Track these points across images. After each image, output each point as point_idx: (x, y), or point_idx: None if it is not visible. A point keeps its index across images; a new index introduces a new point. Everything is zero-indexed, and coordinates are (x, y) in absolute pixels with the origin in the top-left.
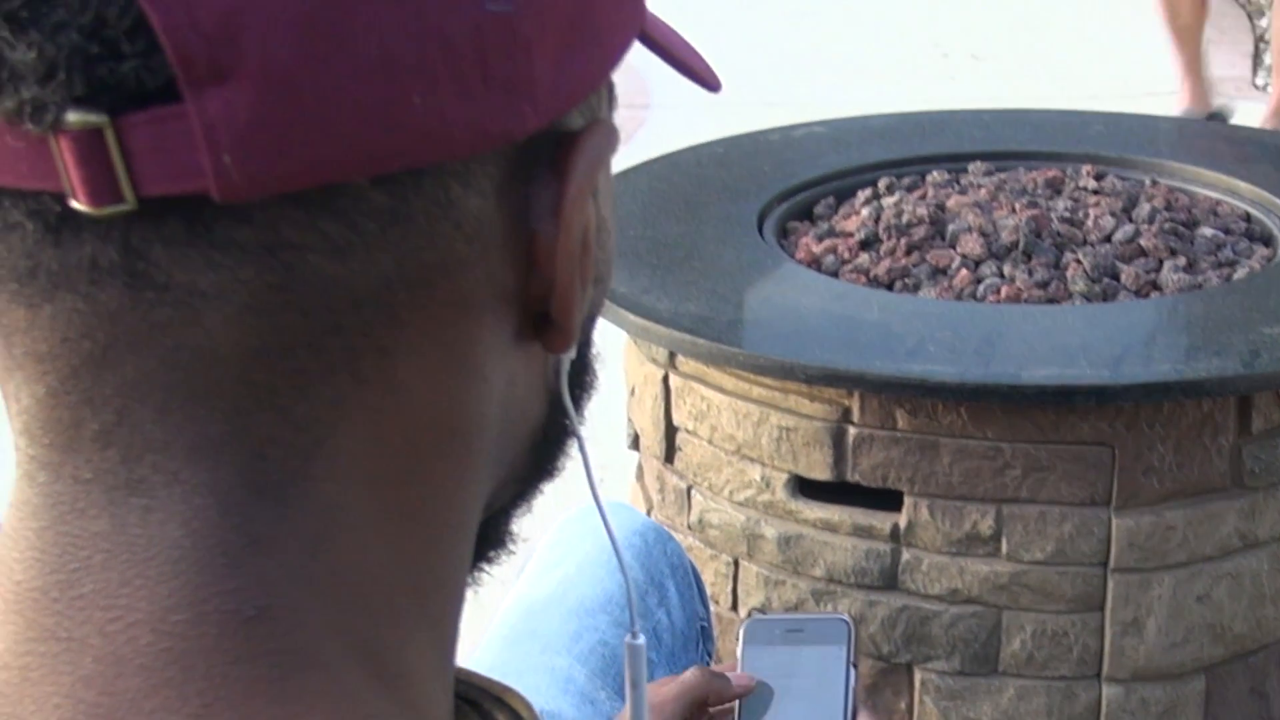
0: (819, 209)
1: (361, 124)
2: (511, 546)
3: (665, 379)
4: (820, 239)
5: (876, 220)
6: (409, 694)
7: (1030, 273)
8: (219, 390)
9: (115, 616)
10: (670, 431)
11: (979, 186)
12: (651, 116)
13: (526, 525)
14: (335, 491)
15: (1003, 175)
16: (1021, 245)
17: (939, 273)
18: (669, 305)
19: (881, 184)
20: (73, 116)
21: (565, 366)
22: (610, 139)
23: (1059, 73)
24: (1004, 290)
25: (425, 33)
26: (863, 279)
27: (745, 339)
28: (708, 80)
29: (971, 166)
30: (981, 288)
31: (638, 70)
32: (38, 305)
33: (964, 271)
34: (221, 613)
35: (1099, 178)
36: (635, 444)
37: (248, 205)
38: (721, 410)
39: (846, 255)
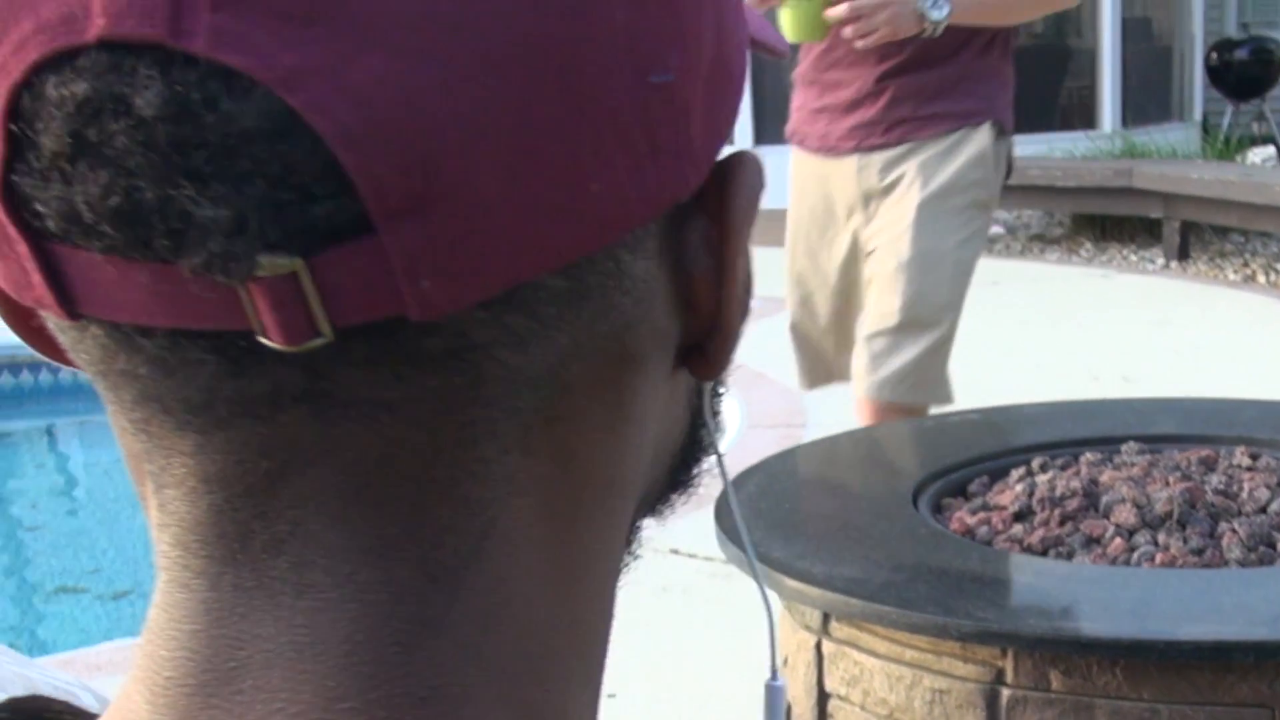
0: (973, 486)
1: (549, 225)
2: (637, 551)
3: (818, 645)
4: (974, 512)
5: (1030, 494)
6: None
7: (1185, 541)
8: (398, 491)
9: (277, 709)
10: (822, 699)
11: (1132, 465)
12: (809, 421)
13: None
14: (505, 565)
15: (1156, 455)
16: (1176, 515)
17: (1093, 542)
18: (823, 569)
19: (1035, 463)
20: (264, 263)
21: (709, 386)
22: (759, 173)
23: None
24: (1159, 558)
25: (599, 123)
26: (1016, 548)
27: (899, 599)
28: (779, 49)
29: (1125, 447)
30: (1136, 555)
31: (794, 393)
32: (210, 432)
33: (1118, 540)
34: (392, 697)
35: (1254, 457)
36: (788, 715)
37: (445, 320)
38: (874, 674)
39: (1000, 526)
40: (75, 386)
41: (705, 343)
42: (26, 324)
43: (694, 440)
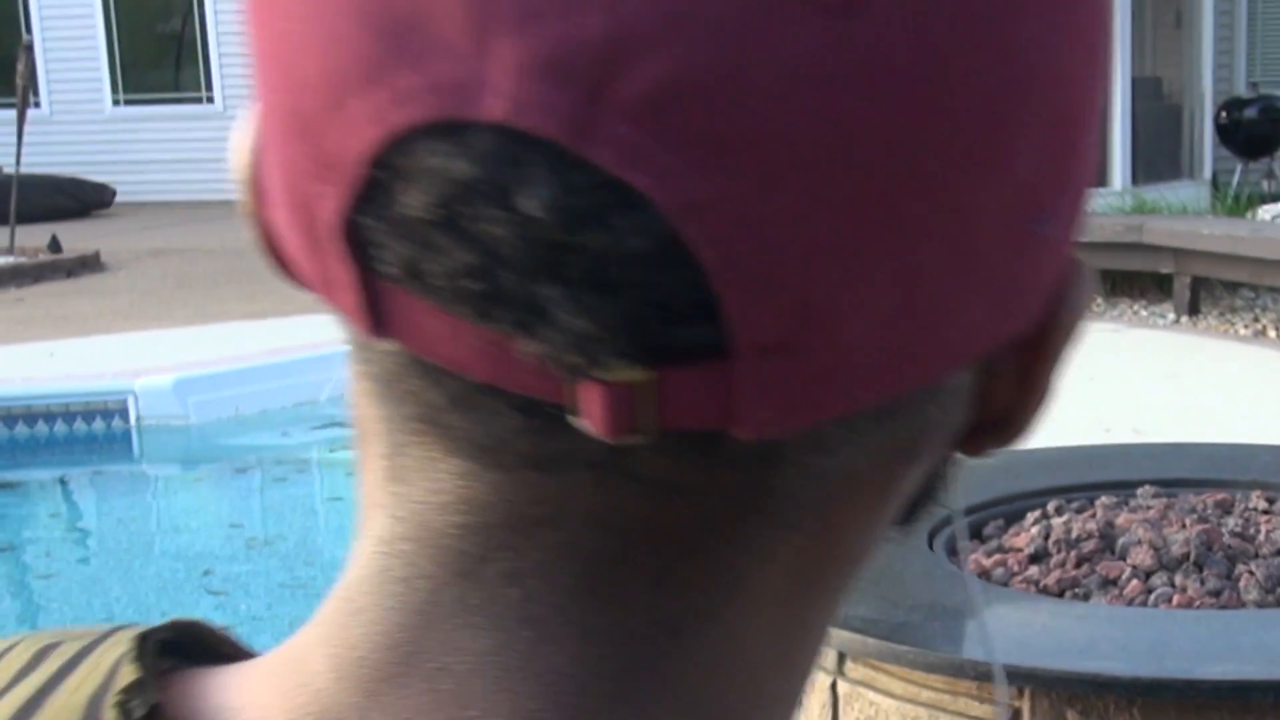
0: (988, 529)
1: (899, 366)
2: None
3: (833, 686)
4: (990, 554)
5: (1046, 537)
6: None
7: (1202, 582)
8: (654, 555)
9: (471, 715)
10: None
11: (1148, 508)
12: None
13: None
14: (742, 623)
15: (1172, 498)
16: (1193, 557)
17: (1109, 583)
18: None
19: (1050, 506)
20: (610, 367)
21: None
22: (1089, 292)
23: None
24: (1175, 599)
25: (975, 271)
26: (1032, 589)
27: (915, 638)
28: None
29: (1140, 491)
30: (1153, 597)
31: None
32: (489, 470)
33: (1135, 582)
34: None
35: (1269, 500)
36: None
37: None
38: (890, 715)
39: (1016, 568)
40: (89, 437)
41: (983, 435)
42: (282, 263)
43: (921, 498)
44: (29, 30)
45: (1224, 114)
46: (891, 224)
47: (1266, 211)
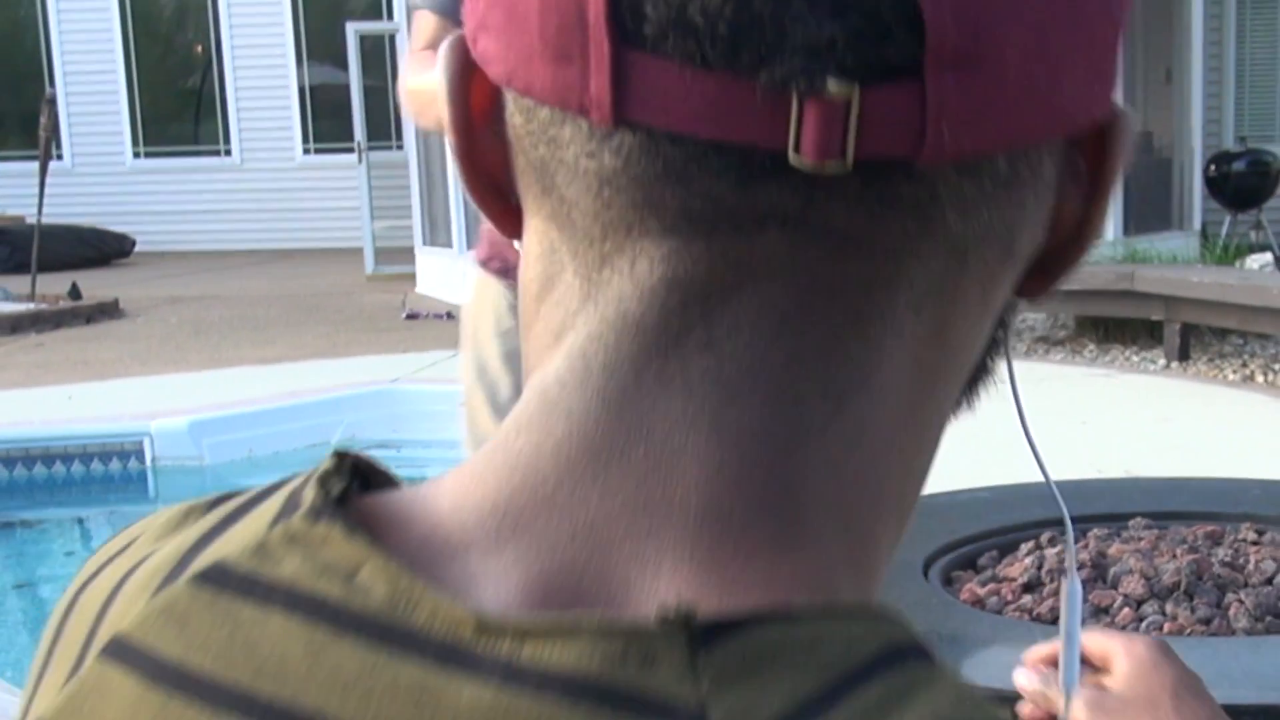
0: (983, 560)
1: (1039, 108)
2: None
3: None
4: (984, 584)
5: (1039, 566)
6: (865, 580)
7: (1193, 610)
8: (827, 317)
9: (663, 474)
10: None
11: (1140, 539)
12: None
13: None
14: (878, 401)
15: (1163, 530)
16: (1183, 586)
17: (1101, 611)
18: None
19: (1044, 537)
20: (832, 85)
21: (1017, 312)
22: (1133, 130)
23: None
24: (1166, 626)
25: (1097, 33)
26: (1026, 617)
27: None
28: None
29: (1132, 523)
30: (1144, 625)
31: None
32: (694, 240)
33: (1126, 610)
34: (756, 483)
35: (1259, 533)
36: None
37: (926, 168)
38: None
39: (1010, 597)
40: (106, 477)
41: (1050, 264)
42: (488, 180)
43: (984, 364)
44: (52, 84)
45: (1213, 167)
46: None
47: (1254, 261)
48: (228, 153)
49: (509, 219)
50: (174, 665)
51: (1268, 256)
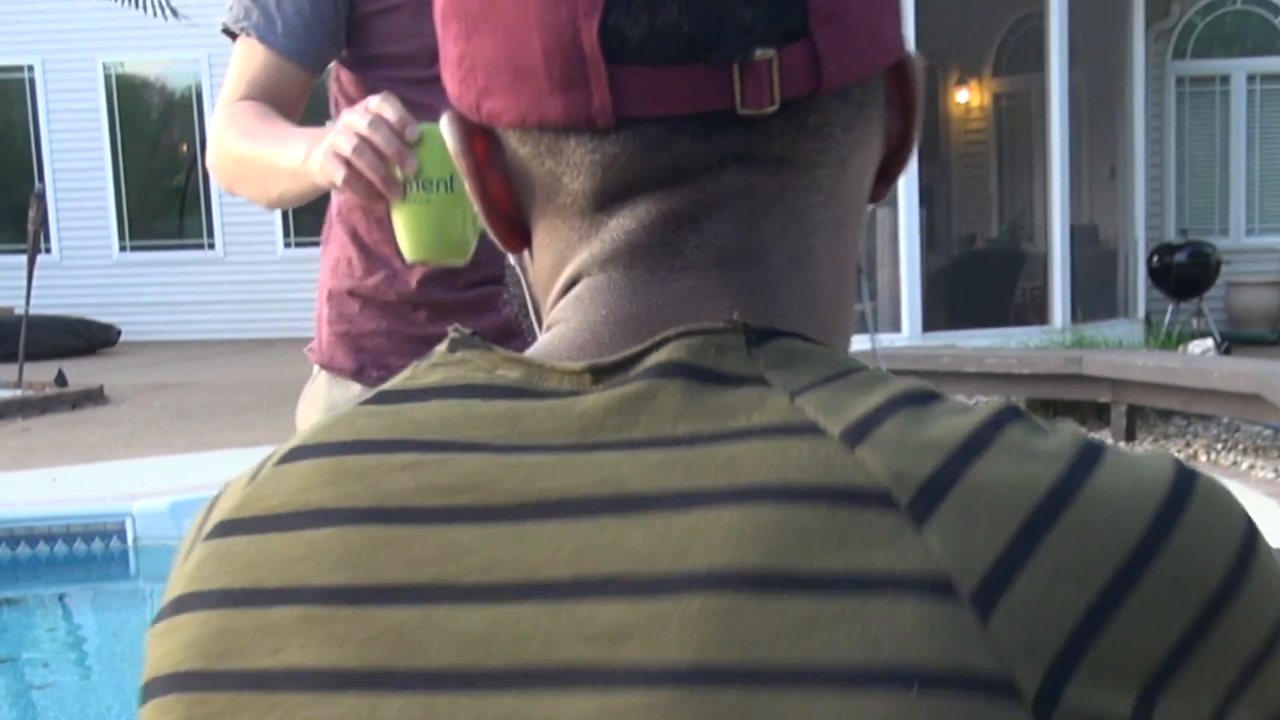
0: None
1: (875, 44)
2: None
3: None
4: None
5: None
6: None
7: None
8: (775, 214)
9: (686, 315)
10: None
11: None
12: None
13: None
14: (818, 260)
15: None
16: None
17: None
18: None
19: None
20: (758, 53)
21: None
22: (918, 63)
23: None
24: None
25: (891, 8)
26: None
27: None
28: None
29: None
30: None
31: None
32: (679, 186)
33: None
34: (740, 287)
35: None
36: None
37: (817, 100)
38: None
39: None
40: (88, 556)
41: (889, 169)
42: (499, 210)
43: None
44: (41, 179)
45: (1156, 258)
46: None
47: (1196, 346)
48: (211, 246)
49: (515, 238)
50: (349, 441)
51: (1208, 342)
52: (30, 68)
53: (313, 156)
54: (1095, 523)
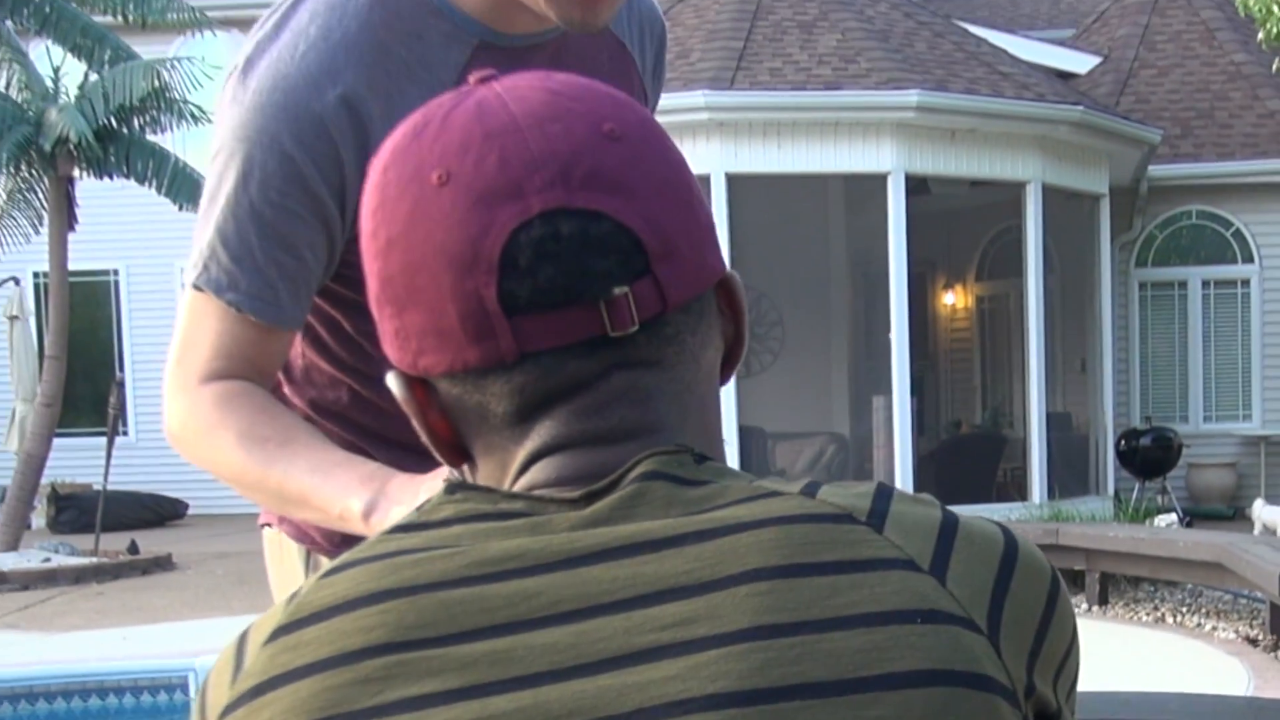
0: None
1: (705, 268)
2: None
3: None
4: None
5: None
6: (719, 459)
7: None
8: (660, 391)
9: (614, 453)
10: None
11: None
12: None
13: None
14: (699, 410)
15: None
16: None
17: None
18: None
19: None
20: (616, 291)
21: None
22: (738, 280)
23: None
24: None
25: (705, 225)
26: None
27: None
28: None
29: None
30: None
31: None
32: (578, 395)
33: None
34: (651, 445)
35: None
36: None
37: (667, 317)
38: None
39: None
40: (153, 708)
41: (729, 360)
42: (442, 439)
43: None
44: (121, 369)
45: (1123, 442)
46: (682, 205)
47: (1162, 520)
48: None
49: (458, 457)
50: (391, 551)
51: (1173, 517)
52: (116, 271)
53: (380, 515)
54: (976, 538)
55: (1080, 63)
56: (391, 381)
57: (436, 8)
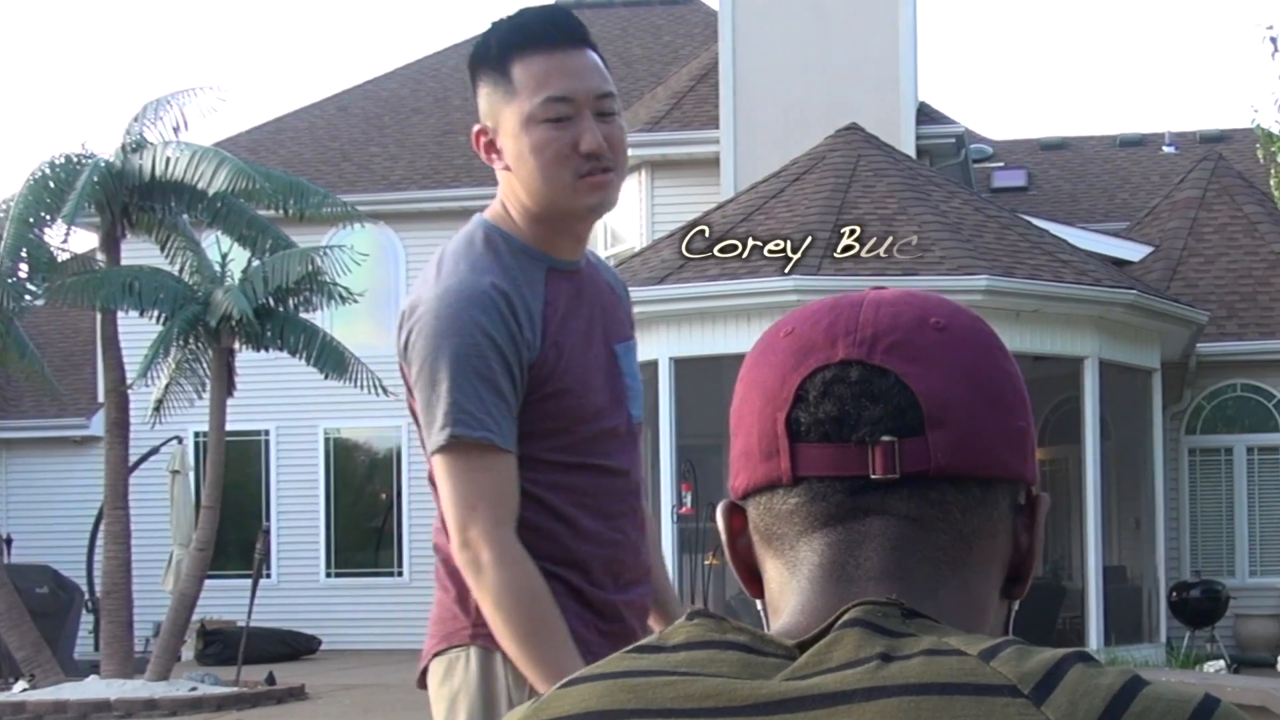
0: None
1: (988, 454)
2: None
3: None
4: None
5: None
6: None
7: None
8: (913, 547)
9: (852, 594)
10: None
11: None
12: None
13: None
14: (958, 566)
15: None
16: None
17: None
18: None
19: None
20: (885, 439)
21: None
22: (1047, 502)
23: None
24: None
25: (1016, 424)
26: None
27: None
28: None
29: None
30: None
31: None
32: (832, 526)
33: None
34: (922, 604)
35: None
36: None
37: (932, 480)
38: None
39: None
40: None
41: (1019, 573)
42: (747, 566)
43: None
44: (268, 519)
45: (1175, 594)
46: (997, 402)
47: (1210, 666)
48: (399, 574)
49: (755, 586)
50: (618, 671)
51: (1221, 663)
52: (266, 432)
53: None
54: (1160, 702)
55: (1133, 251)
56: (718, 513)
57: (521, 247)
